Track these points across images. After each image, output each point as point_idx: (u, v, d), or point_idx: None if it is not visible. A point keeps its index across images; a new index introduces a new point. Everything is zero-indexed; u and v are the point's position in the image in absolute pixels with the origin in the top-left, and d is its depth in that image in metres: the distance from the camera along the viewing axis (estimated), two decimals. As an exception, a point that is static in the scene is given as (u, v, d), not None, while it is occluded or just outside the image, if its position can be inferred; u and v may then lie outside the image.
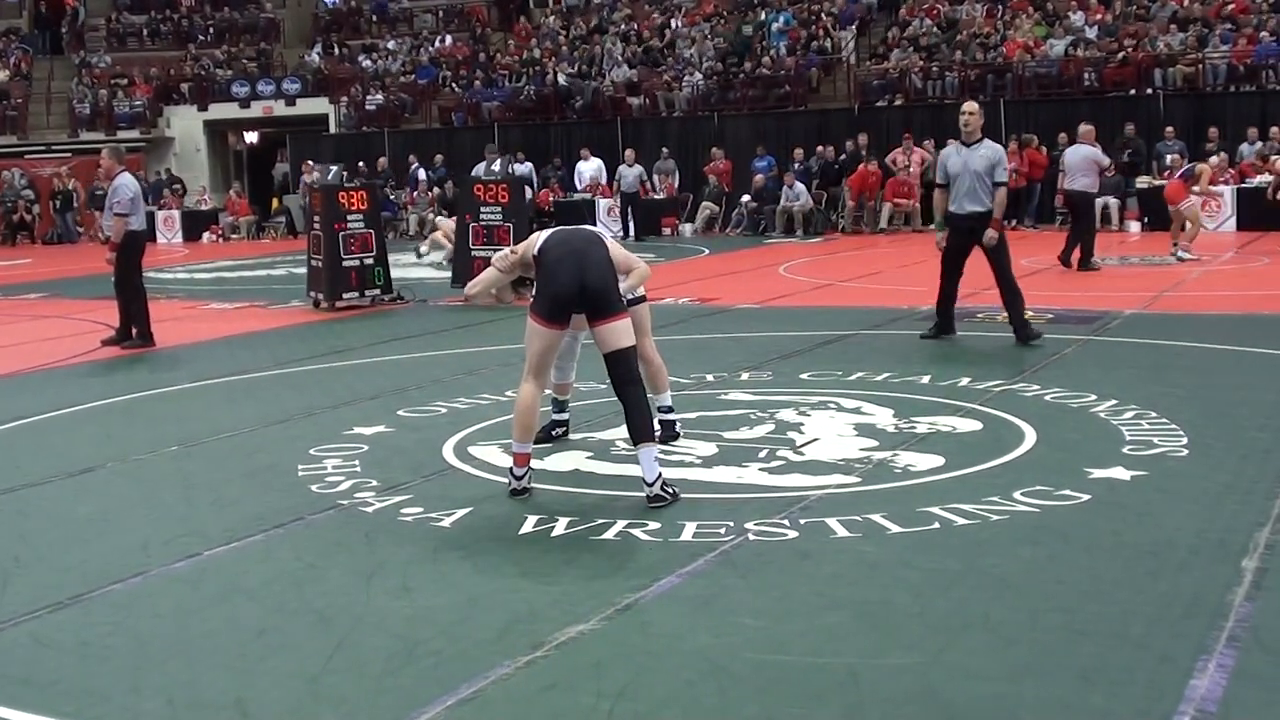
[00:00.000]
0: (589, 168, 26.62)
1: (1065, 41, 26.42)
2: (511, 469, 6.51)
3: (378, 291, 15.37)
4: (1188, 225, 17.38)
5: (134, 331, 12.68)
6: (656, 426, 7.52)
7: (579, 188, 26.94)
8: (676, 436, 7.52)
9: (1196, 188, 17.82)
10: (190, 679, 4.35)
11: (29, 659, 4.60)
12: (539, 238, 6.52)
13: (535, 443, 7.40)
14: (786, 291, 15.48)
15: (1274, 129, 21.95)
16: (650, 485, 6.19)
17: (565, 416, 7.72)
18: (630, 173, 25.74)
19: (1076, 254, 16.36)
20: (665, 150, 27.16)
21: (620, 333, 6.31)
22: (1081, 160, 16.36)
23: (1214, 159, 20.75)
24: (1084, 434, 7.43)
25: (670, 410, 7.56)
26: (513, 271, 6.59)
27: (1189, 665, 4.14)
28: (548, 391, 7.53)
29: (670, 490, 6.24)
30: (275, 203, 31.63)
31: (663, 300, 14.24)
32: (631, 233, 24.94)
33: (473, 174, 16.45)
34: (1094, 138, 16.98)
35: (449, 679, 4.25)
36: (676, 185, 26.86)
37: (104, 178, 13.03)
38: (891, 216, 24.21)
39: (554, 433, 7.63)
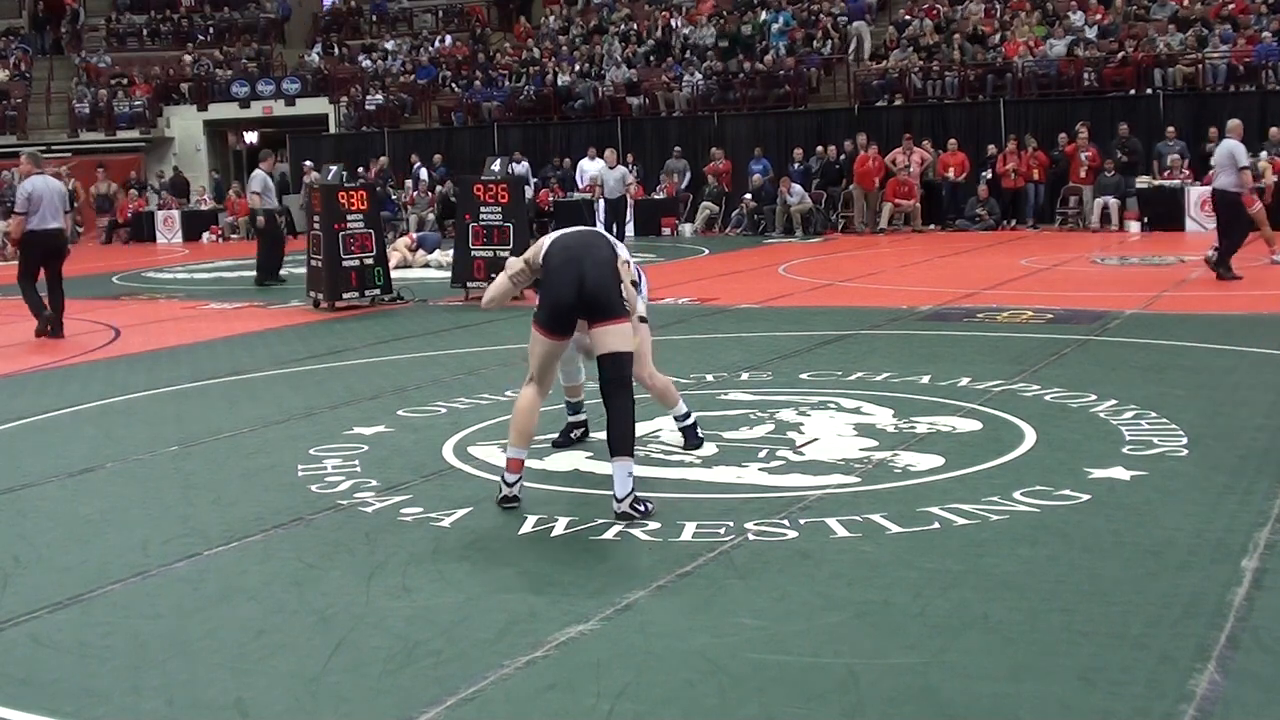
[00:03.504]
0: (592, 167, 26.49)
1: (1065, 41, 26.42)
2: (503, 475, 6.35)
3: (377, 291, 15.37)
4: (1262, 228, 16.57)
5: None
6: (697, 433, 7.33)
7: (580, 187, 26.88)
8: (701, 443, 7.31)
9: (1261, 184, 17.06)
10: (190, 679, 4.35)
11: (29, 659, 4.60)
12: (545, 242, 6.42)
13: (555, 446, 7.38)
14: (786, 291, 15.48)
15: (1274, 130, 21.89)
16: (620, 501, 6.00)
17: (582, 417, 7.53)
18: (612, 175, 24.08)
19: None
20: (678, 149, 27.01)
21: (616, 335, 6.16)
22: (1225, 156, 15.11)
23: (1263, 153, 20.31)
24: (1084, 434, 7.43)
25: (687, 417, 7.32)
26: (524, 280, 6.52)
27: (1189, 665, 4.14)
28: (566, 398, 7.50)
29: (641, 508, 6.02)
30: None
31: (663, 300, 14.25)
32: (628, 237, 23.80)
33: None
34: (1241, 133, 15.58)
35: (449, 679, 4.25)
36: (680, 186, 26.82)
37: (20, 178, 13.43)
38: (891, 216, 24.22)
39: (573, 434, 7.49)
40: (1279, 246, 16.68)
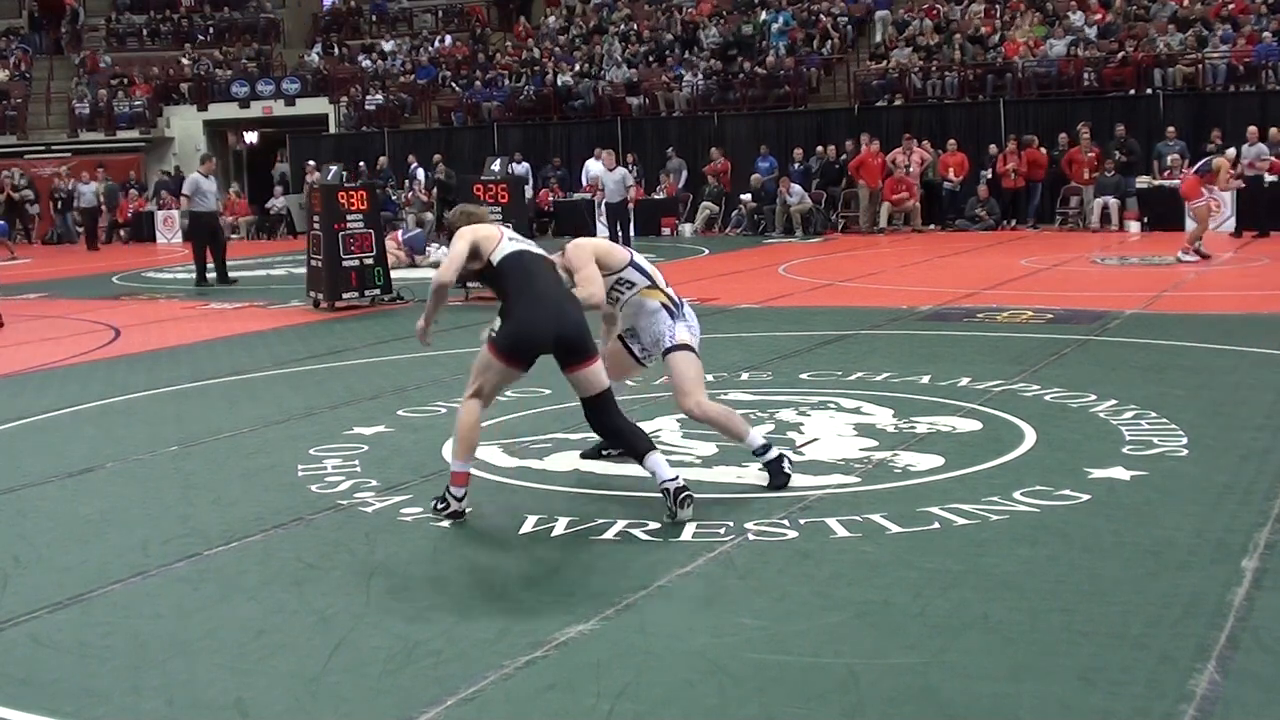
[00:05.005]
0: (596, 167, 26.38)
1: (1065, 41, 26.42)
2: (448, 489, 6.09)
3: (377, 291, 15.36)
4: (1194, 224, 17.18)
5: None
6: (784, 468, 6.47)
7: (584, 187, 26.82)
8: (787, 480, 6.42)
9: (1214, 184, 17.46)
10: (190, 679, 4.35)
11: (29, 659, 4.60)
12: (497, 250, 6.01)
13: (582, 457, 7.07)
14: (786, 291, 15.48)
15: (1274, 130, 21.89)
16: (669, 481, 5.86)
17: None
18: (611, 178, 22.80)
19: None
20: (670, 150, 27.03)
21: (597, 375, 5.97)
22: None
23: (1230, 151, 20.57)
24: (1084, 434, 7.43)
25: (767, 449, 6.47)
26: (454, 277, 6.08)
27: (1189, 665, 4.14)
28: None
29: (687, 494, 5.87)
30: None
31: (663, 300, 14.22)
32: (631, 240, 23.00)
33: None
34: None
35: (449, 679, 4.25)
36: (678, 185, 26.80)
37: None
38: (891, 216, 24.21)
39: (604, 451, 7.02)
40: (1194, 248, 16.83)
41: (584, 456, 7.12)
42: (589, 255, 6.34)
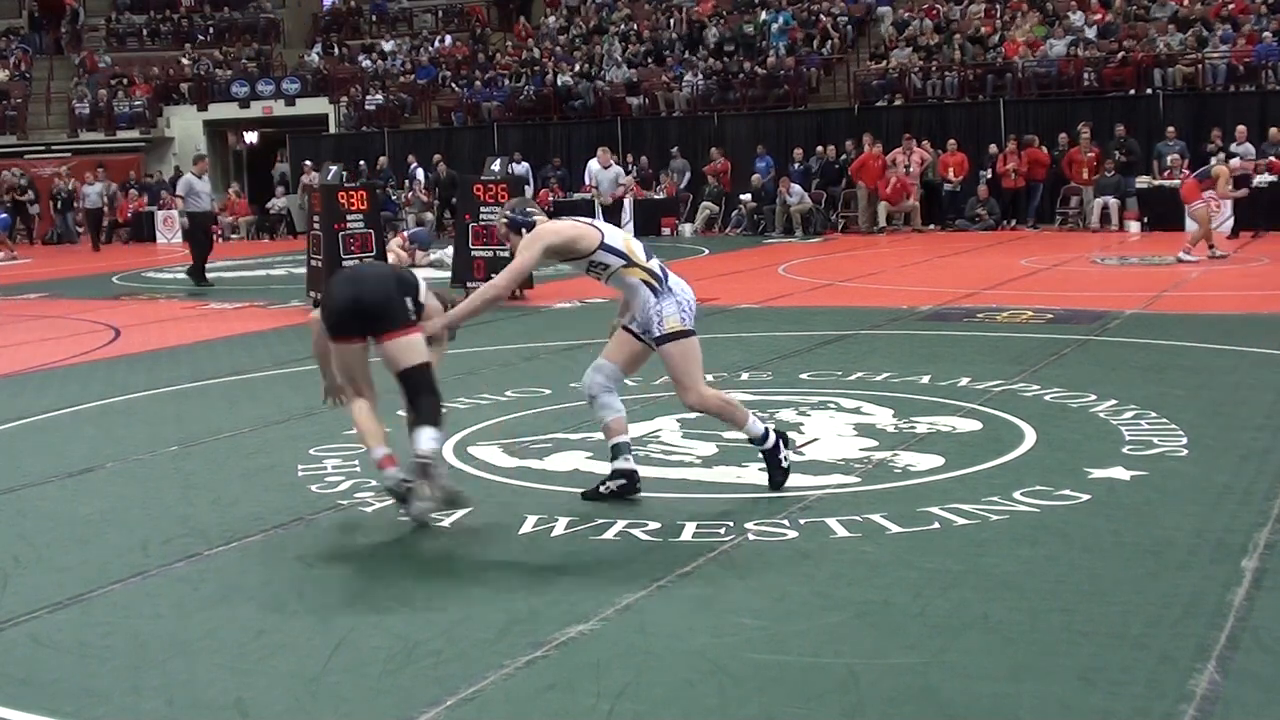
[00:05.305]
0: (595, 166, 26.37)
1: (1065, 41, 26.42)
2: (385, 475, 6.06)
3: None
4: (1195, 227, 17.34)
5: None
6: (781, 461, 6.36)
7: (585, 186, 26.81)
8: (786, 476, 6.38)
9: (1213, 190, 17.60)
10: (190, 679, 4.35)
11: (29, 659, 4.60)
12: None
13: (584, 498, 6.34)
14: (786, 291, 15.48)
15: (1274, 130, 21.92)
16: (420, 456, 5.88)
17: (626, 465, 6.27)
18: (606, 176, 22.96)
19: None
20: (675, 150, 27.03)
21: (408, 349, 6.06)
22: None
23: (1235, 160, 20.58)
24: (1084, 434, 7.43)
25: (766, 438, 6.33)
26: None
27: (1189, 665, 4.14)
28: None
29: (430, 467, 5.89)
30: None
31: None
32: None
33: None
34: None
35: (449, 679, 4.25)
36: (681, 185, 26.78)
37: None
38: (890, 216, 24.22)
39: (602, 488, 6.33)
40: (1199, 249, 16.93)
41: (585, 497, 6.35)
42: (533, 243, 6.13)
